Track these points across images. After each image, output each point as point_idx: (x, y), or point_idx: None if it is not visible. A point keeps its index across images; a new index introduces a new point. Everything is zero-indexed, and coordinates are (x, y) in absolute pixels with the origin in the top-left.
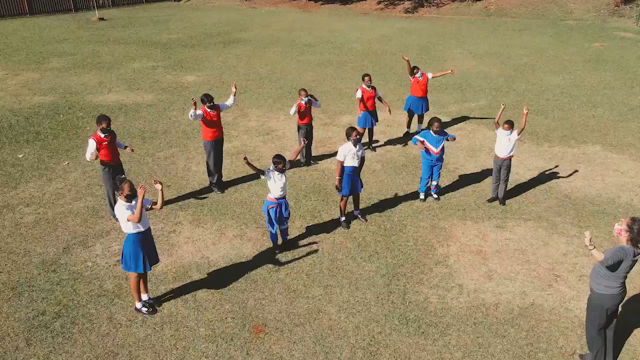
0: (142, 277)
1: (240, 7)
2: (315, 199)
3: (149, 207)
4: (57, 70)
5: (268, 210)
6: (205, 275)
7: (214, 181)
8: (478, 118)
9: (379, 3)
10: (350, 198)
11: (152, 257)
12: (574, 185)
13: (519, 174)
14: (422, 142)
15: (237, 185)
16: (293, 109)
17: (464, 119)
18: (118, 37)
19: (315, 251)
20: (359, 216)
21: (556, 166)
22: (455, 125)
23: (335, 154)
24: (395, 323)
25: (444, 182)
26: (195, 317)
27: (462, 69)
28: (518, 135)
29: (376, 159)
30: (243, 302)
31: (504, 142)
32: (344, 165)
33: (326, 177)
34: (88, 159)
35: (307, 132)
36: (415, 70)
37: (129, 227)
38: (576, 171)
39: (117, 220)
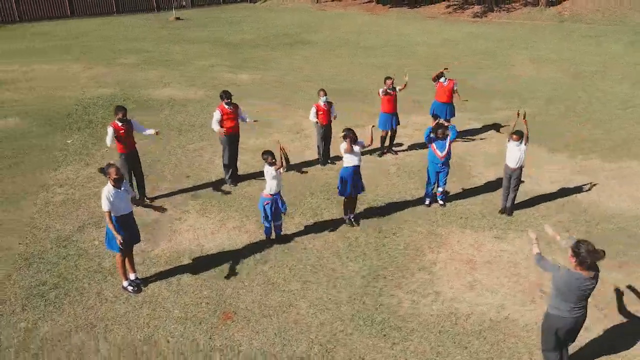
0: (128, 257)
1: (311, 9)
2: (321, 197)
3: (132, 195)
4: (127, 65)
5: (264, 207)
6: (195, 262)
7: (229, 174)
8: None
9: (447, 7)
10: None
11: (133, 238)
12: (596, 200)
13: (541, 186)
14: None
15: (251, 180)
16: (312, 114)
17: (500, 126)
18: (192, 37)
19: (305, 248)
20: (352, 220)
21: (585, 180)
22: (488, 132)
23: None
24: (360, 323)
25: (457, 188)
26: (173, 300)
27: (523, 75)
28: (525, 144)
29: (394, 162)
30: (222, 289)
31: (514, 153)
32: (345, 165)
33: (332, 178)
34: (108, 145)
35: (325, 133)
36: (440, 75)
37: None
38: (605, 187)
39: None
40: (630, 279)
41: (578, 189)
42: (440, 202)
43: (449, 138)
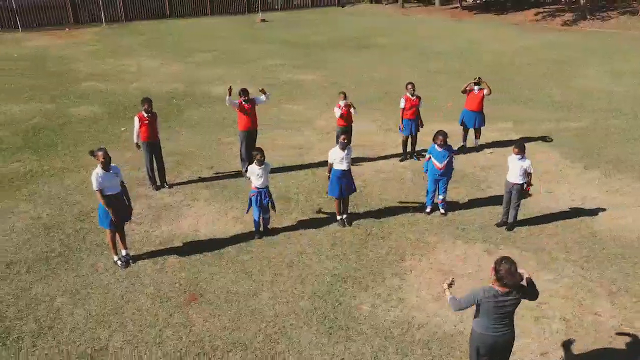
0: (119, 234)
1: (394, 14)
2: (326, 197)
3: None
4: (198, 63)
5: (250, 198)
6: (186, 246)
7: (245, 167)
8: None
9: (536, 14)
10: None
11: (124, 217)
12: (612, 223)
13: (558, 203)
14: (429, 158)
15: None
16: (338, 112)
17: (540, 139)
18: (268, 37)
19: (290, 243)
20: (345, 220)
21: (610, 202)
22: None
23: (376, 160)
24: (312, 319)
25: (467, 197)
26: (153, 277)
27: (592, 88)
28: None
29: (412, 167)
30: (198, 273)
31: (512, 167)
32: (334, 168)
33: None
34: (135, 133)
35: (343, 133)
36: (471, 89)
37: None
38: (630, 211)
39: (152, 187)
40: (611, 309)
41: (598, 209)
42: (442, 210)
43: (450, 152)
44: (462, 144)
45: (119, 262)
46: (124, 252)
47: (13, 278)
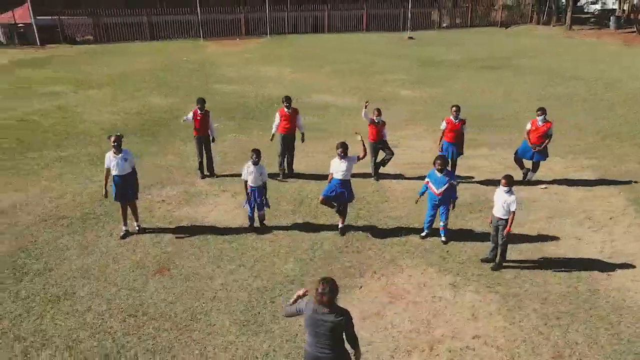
0: (130, 208)
1: (557, 35)
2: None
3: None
4: (328, 73)
5: (247, 194)
6: (188, 228)
7: (280, 167)
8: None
9: None
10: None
11: (125, 195)
12: (628, 284)
13: (581, 252)
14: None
15: (302, 179)
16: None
17: (624, 182)
18: (403, 53)
19: (273, 240)
20: (340, 229)
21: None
22: (563, 176)
23: (414, 179)
24: (238, 310)
25: (483, 227)
26: (144, 248)
27: None
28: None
29: None
30: (181, 251)
31: (497, 200)
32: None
33: (369, 193)
34: (182, 120)
35: (375, 149)
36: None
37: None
38: None
39: (199, 176)
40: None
41: (619, 267)
42: (443, 238)
43: (450, 178)
44: (523, 171)
45: (121, 233)
46: (135, 224)
47: (55, 228)
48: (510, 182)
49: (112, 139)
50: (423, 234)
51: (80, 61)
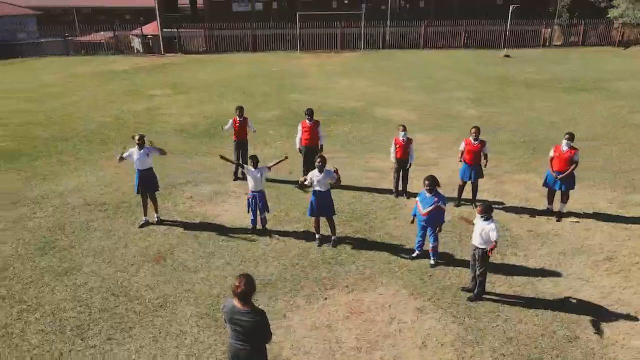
0: (150, 200)
1: None
2: (342, 217)
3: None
4: (398, 87)
5: (248, 199)
6: (199, 223)
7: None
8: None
9: None
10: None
11: (145, 188)
12: (611, 336)
13: (579, 293)
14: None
15: None
16: (392, 148)
17: (626, 209)
18: (486, 71)
19: (267, 244)
20: (332, 241)
21: None
22: (604, 211)
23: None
24: (203, 304)
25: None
26: (153, 237)
27: None
28: (491, 222)
29: (458, 213)
30: (183, 244)
31: (475, 228)
32: (313, 188)
33: (381, 208)
34: (223, 129)
35: (400, 166)
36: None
37: (135, 165)
38: None
39: (233, 177)
40: None
41: (608, 318)
42: (432, 261)
43: (438, 200)
44: (547, 206)
45: (139, 222)
46: (155, 216)
47: (92, 212)
48: (485, 210)
49: (137, 137)
50: (414, 254)
51: (186, 68)
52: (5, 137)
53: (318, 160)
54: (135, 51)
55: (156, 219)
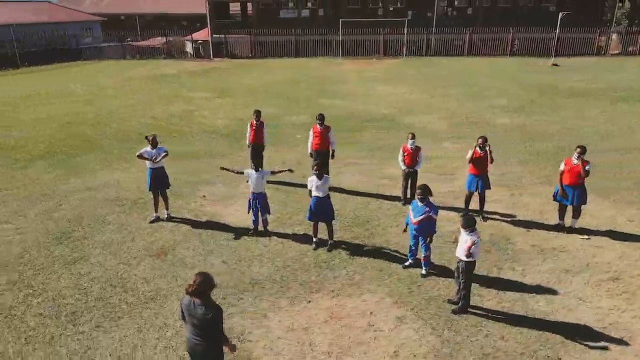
0: (157, 198)
1: None
2: (345, 222)
3: (156, 158)
4: (438, 94)
5: (249, 200)
6: (205, 222)
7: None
8: None
9: None
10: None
11: (157, 186)
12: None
13: (574, 317)
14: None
15: (337, 194)
16: (400, 155)
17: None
18: (529, 79)
19: (266, 245)
20: (328, 245)
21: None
22: (622, 229)
23: (447, 209)
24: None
25: (483, 270)
26: (160, 233)
27: None
28: (472, 235)
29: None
30: (186, 241)
31: (460, 241)
32: (312, 194)
33: (386, 216)
34: (246, 134)
35: (408, 175)
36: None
37: (147, 164)
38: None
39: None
40: None
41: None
42: (423, 270)
43: (430, 209)
44: (559, 221)
45: (150, 218)
46: (165, 212)
47: (112, 207)
48: (467, 223)
49: (150, 138)
50: (406, 263)
51: (231, 73)
52: (55, 138)
53: (315, 168)
54: (188, 56)
55: (166, 216)
